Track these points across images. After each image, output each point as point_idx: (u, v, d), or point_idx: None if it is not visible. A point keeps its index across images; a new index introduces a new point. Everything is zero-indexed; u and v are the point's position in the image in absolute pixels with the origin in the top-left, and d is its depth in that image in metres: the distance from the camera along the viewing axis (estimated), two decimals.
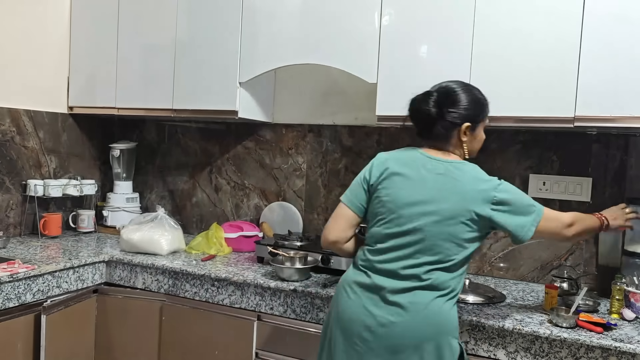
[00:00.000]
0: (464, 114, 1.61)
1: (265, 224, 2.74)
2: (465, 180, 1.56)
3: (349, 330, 1.58)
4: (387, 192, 1.61)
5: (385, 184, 1.62)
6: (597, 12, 1.86)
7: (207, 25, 2.54)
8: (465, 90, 1.64)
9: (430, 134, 1.65)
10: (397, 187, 1.60)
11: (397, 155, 1.68)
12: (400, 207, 1.57)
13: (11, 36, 2.64)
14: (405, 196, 1.58)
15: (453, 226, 1.53)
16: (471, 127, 1.62)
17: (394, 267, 1.56)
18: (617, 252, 2.11)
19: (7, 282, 1.97)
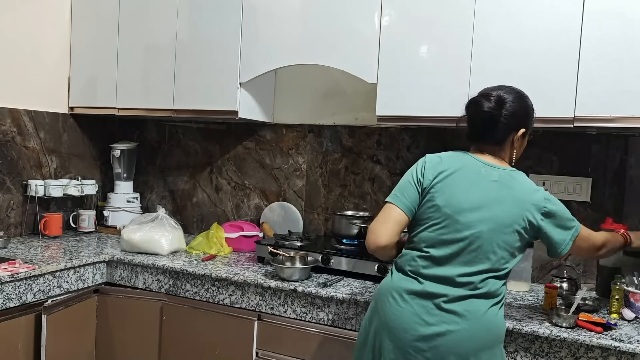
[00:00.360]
0: (521, 120, 1.61)
1: (265, 224, 2.75)
2: (518, 188, 1.56)
3: (402, 340, 1.52)
4: (443, 196, 1.56)
5: (439, 187, 1.58)
6: (597, 11, 1.86)
7: (207, 26, 2.55)
8: (520, 96, 1.63)
9: (485, 137, 1.62)
10: (453, 191, 1.56)
11: (451, 159, 1.63)
12: (457, 212, 1.54)
13: (12, 36, 2.65)
14: (462, 202, 1.54)
15: (508, 234, 1.53)
16: (523, 134, 1.63)
17: (449, 274, 1.52)
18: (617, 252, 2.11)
19: (8, 282, 1.98)
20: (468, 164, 1.60)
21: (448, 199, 1.56)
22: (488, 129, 1.60)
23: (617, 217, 2.17)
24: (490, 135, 1.61)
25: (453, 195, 1.56)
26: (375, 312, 1.62)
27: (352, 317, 1.97)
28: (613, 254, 1.88)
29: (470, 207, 1.54)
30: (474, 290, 1.51)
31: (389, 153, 2.59)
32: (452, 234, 1.54)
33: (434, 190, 1.58)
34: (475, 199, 1.54)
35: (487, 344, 1.51)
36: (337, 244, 2.43)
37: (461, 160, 1.62)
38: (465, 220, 1.53)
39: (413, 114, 2.16)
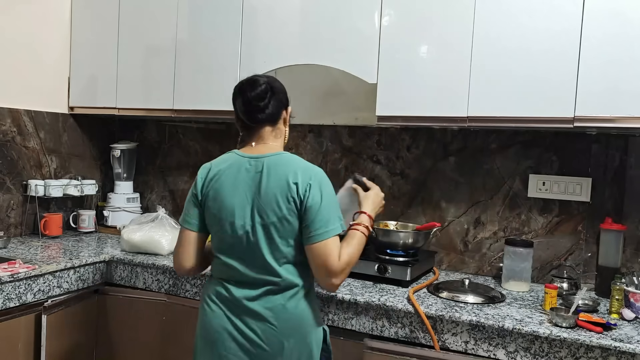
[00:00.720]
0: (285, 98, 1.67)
1: None
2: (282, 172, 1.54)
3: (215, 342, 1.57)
4: (215, 204, 1.58)
5: (210, 195, 1.59)
6: (597, 11, 1.86)
7: (207, 26, 2.55)
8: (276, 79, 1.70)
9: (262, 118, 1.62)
10: (222, 196, 1.57)
11: (219, 164, 1.63)
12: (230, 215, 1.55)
13: (12, 36, 2.65)
14: (232, 204, 1.55)
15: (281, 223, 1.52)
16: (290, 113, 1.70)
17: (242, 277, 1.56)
18: (617, 252, 2.12)
19: (8, 282, 1.98)
20: (233, 163, 1.60)
21: (219, 205, 1.57)
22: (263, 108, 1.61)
23: (617, 217, 2.17)
24: (267, 115, 1.62)
25: (223, 200, 1.57)
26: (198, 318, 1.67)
27: (352, 317, 1.97)
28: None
29: (240, 206, 1.54)
30: (269, 286, 1.54)
31: (389, 153, 2.60)
32: (232, 238, 1.55)
33: (208, 199, 1.60)
34: (240, 196, 1.55)
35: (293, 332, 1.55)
36: None
37: (227, 162, 1.61)
38: (239, 222, 1.54)
39: (413, 114, 2.16)
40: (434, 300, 1.96)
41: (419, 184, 2.53)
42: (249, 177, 1.56)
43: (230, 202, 1.56)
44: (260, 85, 1.61)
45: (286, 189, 1.51)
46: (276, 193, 1.52)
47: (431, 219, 2.49)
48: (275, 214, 1.52)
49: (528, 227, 2.34)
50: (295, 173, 1.52)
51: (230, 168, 1.59)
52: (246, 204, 1.54)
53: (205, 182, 1.61)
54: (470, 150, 2.43)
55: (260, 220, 1.53)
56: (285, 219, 1.52)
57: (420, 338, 1.86)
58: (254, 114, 1.62)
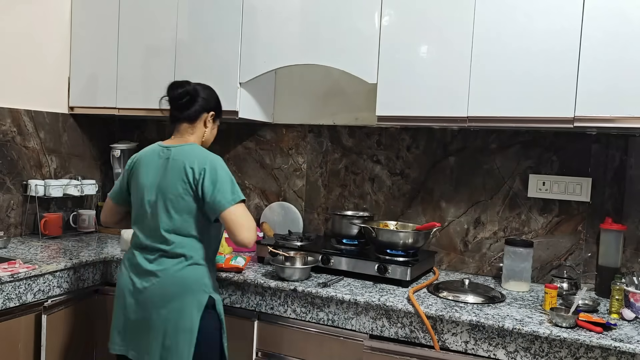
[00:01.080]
0: (211, 104, 1.97)
1: (265, 224, 2.75)
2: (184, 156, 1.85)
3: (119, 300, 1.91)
4: (134, 183, 1.94)
5: (132, 176, 1.95)
6: (597, 11, 1.86)
7: (207, 26, 2.55)
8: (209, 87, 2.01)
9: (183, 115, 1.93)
10: (138, 177, 1.91)
11: (142, 152, 1.97)
12: (141, 192, 1.89)
13: (12, 36, 2.65)
14: (143, 183, 1.89)
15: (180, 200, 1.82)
16: (213, 117, 1.99)
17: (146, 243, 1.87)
18: (617, 252, 2.12)
19: (8, 282, 1.98)
20: (152, 151, 1.93)
21: (136, 183, 1.92)
22: (186, 107, 1.92)
23: (617, 217, 2.17)
24: (187, 114, 1.93)
25: (138, 179, 1.91)
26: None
27: (352, 317, 1.97)
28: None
29: (150, 185, 1.87)
30: (164, 252, 1.83)
31: (389, 153, 2.60)
32: (141, 211, 1.89)
33: (131, 179, 1.96)
34: (151, 177, 1.88)
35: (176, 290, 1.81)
36: (337, 244, 2.43)
37: (148, 150, 1.95)
38: (147, 198, 1.87)
39: (413, 114, 2.16)
40: (434, 300, 1.96)
41: (419, 184, 2.54)
42: (159, 163, 1.89)
43: (143, 182, 1.89)
44: (179, 88, 1.90)
45: (183, 173, 1.82)
46: (175, 175, 1.83)
47: (431, 219, 2.50)
48: (173, 193, 1.82)
49: (528, 227, 2.34)
50: (192, 160, 1.83)
51: (148, 155, 1.93)
52: (154, 183, 1.87)
53: (130, 166, 1.97)
54: (470, 150, 2.43)
55: (162, 197, 1.84)
56: (181, 197, 1.81)
57: (420, 338, 1.86)
58: (174, 111, 1.94)
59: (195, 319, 1.81)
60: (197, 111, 1.94)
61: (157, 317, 1.81)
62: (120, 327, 1.91)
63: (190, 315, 1.80)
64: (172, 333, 1.80)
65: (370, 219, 2.47)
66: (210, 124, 1.98)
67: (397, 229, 2.39)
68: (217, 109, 2.00)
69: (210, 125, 1.98)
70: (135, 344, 1.86)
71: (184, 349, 1.79)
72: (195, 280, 1.84)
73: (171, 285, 1.81)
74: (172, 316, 1.80)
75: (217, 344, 1.88)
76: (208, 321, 1.84)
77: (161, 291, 1.82)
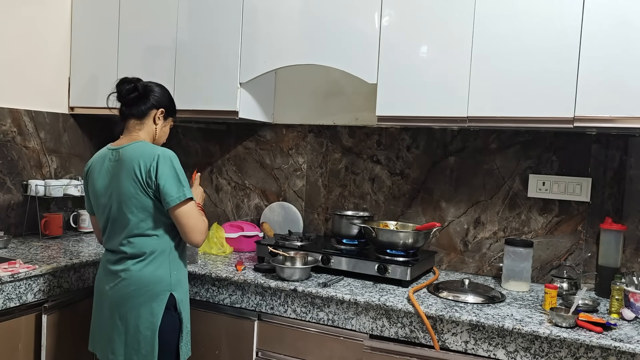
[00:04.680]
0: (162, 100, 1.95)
1: (265, 224, 2.75)
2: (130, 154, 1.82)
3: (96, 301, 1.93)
4: (91, 191, 1.93)
5: (88, 185, 1.95)
6: (597, 12, 1.86)
7: (207, 26, 2.55)
8: (160, 85, 1.99)
9: (132, 111, 1.90)
10: (92, 184, 1.91)
11: (93, 158, 1.95)
12: (97, 199, 1.89)
13: (12, 37, 2.65)
14: (97, 189, 1.88)
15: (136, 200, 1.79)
16: (164, 115, 1.95)
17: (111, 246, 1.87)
18: (617, 252, 2.12)
19: (8, 282, 1.98)
20: (102, 156, 1.91)
21: (92, 190, 1.91)
22: (134, 102, 1.90)
23: (617, 217, 2.17)
24: (136, 109, 1.90)
25: (94, 186, 1.90)
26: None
27: (352, 317, 1.97)
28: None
29: (104, 190, 1.86)
30: (123, 253, 1.83)
31: (389, 153, 2.60)
32: (102, 217, 1.89)
33: (88, 188, 1.95)
34: (104, 182, 1.86)
35: (137, 288, 1.80)
36: (337, 244, 2.43)
37: (98, 156, 1.93)
38: (103, 202, 1.87)
39: (413, 114, 2.16)
40: (434, 300, 1.96)
41: (419, 184, 2.54)
42: (110, 166, 1.86)
43: (98, 187, 1.88)
44: (128, 84, 1.90)
45: (132, 172, 1.79)
46: (126, 176, 1.80)
47: (431, 219, 2.50)
48: (125, 194, 1.80)
49: (528, 227, 2.34)
50: (140, 158, 1.79)
51: (99, 161, 1.91)
52: (108, 187, 1.85)
53: (85, 175, 1.96)
54: (470, 150, 2.43)
55: (117, 199, 1.82)
56: (134, 197, 1.79)
57: (420, 338, 1.86)
58: (123, 107, 1.92)
59: (155, 319, 1.80)
60: (147, 107, 1.91)
61: (118, 318, 1.82)
62: (93, 327, 1.93)
63: (149, 315, 1.80)
64: (133, 333, 1.80)
65: (370, 219, 2.47)
66: (160, 121, 1.95)
67: (397, 229, 2.39)
68: (169, 107, 1.98)
69: (160, 123, 1.95)
70: (102, 345, 1.87)
71: (147, 349, 1.79)
72: (154, 278, 1.82)
73: (130, 284, 1.81)
74: (132, 316, 1.80)
75: (172, 347, 1.85)
76: (166, 321, 1.82)
77: (122, 291, 1.81)
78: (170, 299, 1.83)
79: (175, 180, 1.78)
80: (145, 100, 1.91)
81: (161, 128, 1.96)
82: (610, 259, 2.12)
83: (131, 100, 1.90)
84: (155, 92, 1.94)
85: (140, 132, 1.92)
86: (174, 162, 1.81)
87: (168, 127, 2.02)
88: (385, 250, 2.23)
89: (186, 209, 1.79)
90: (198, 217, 1.83)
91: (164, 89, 1.99)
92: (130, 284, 1.81)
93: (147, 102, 1.91)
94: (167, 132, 2.02)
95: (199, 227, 1.83)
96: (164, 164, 1.78)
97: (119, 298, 1.82)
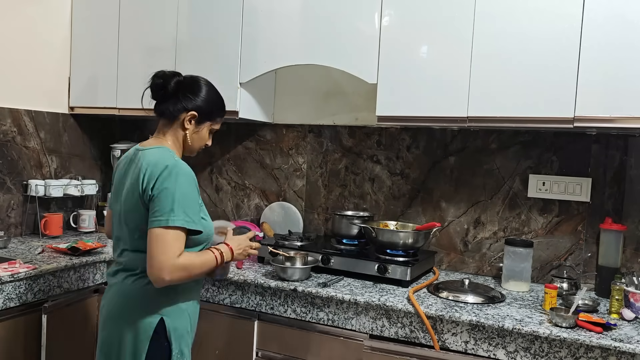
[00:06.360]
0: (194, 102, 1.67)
1: (265, 224, 2.75)
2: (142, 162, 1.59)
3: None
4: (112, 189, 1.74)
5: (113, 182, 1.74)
6: (597, 12, 1.86)
7: (207, 26, 2.55)
8: (201, 82, 1.73)
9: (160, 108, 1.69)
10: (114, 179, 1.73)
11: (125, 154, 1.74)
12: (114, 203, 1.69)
13: (12, 37, 2.65)
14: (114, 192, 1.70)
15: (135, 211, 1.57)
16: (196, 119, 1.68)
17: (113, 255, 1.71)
18: (617, 252, 2.12)
19: (8, 281, 1.98)
20: (127, 155, 1.70)
21: (112, 187, 1.73)
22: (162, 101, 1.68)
23: (617, 217, 2.17)
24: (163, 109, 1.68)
25: (114, 186, 1.71)
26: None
27: (352, 317, 1.97)
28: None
29: (117, 193, 1.67)
30: (119, 265, 1.65)
31: (389, 153, 2.60)
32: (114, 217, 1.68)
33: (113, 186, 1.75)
34: (119, 182, 1.67)
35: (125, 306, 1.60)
36: (337, 244, 2.43)
37: (127, 152, 1.72)
38: (114, 206, 1.68)
39: (413, 114, 2.16)
40: (434, 300, 1.96)
41: (419, 184, 2.54)
42: (129, 168, 1.64)
43: (115, 189, 1.70)
44: (158, 78, 1.69)
45: (138, 181, 1.56)
46: (133, 184, 1.58)
47: (431, 219, 2.50)
48: (127, 203, 1.60)
49: (528, 227, 2.34)
50: (149, 167, 1.55)
51: (124, 158, 1.71)
52: (119, 190, 1.66)
53: (114, 172, 1.77)
54: (470, 150, 2.43)
55: (123, 205, 1.61)
56: (135, 210, 1.57)
57: (420, 338, 1.86)
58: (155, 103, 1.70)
59: (141, 346, 1.55)
60: (176, 109, 1.65)
61: (103, 338, 1.63)
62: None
63: (133, 340, 1.56)
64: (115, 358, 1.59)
65: (370, 219, 2.47)
66: (191, 126, 1.67)
67: (397, 229, 2.39)
68: (205, 111, 1.69)
69: (191, 128, 1.68)
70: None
71: None
72: (140, 297, 1.58)
73: (115, 302, 1.61)
74: (114, 339, 1.58)
75: None
76: (154, 350, 1.55)
77: (107, 309, 1.63)
78: (159, 323, 1.56)
79: (168, 199, 1.49)
80: (175, 100, 1.65)
81: (192, 134, 1.68)
82: (610, 259, 2.12)
83: (159, 97, 1.67)
84: (190, 91, 1.67)
85: (167, 135, 1.68)
86: (181, 179, 1.53)
87: (205, 132, 1.72)
88: (385, 250, 2.23)
89: (158, 233, 1.48)
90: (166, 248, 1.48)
91: (203, 88, 1.70)
92: (115, 301, 1.61)
93: (176, 103, 1.65)
94: (205, 137, 1.73)
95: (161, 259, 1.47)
96: (168, 178, 1.52)
97: (104, 316, 1.64)
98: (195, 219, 1.54)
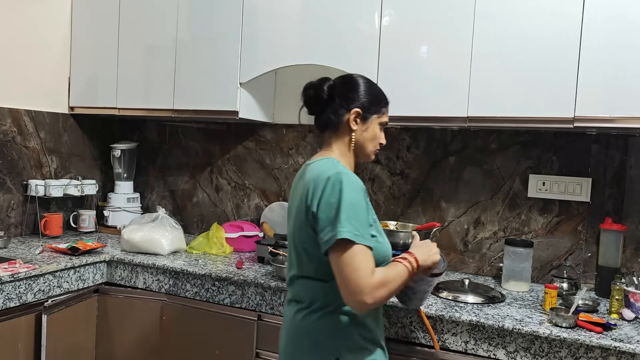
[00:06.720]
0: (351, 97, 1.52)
1: (265, 224, 2.75)
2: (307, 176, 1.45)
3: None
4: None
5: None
6: (596, 12, 1.86)
7: (207, 26, 2.55)
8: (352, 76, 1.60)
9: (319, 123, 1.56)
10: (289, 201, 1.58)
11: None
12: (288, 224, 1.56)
13: (12, 36, 2.65)
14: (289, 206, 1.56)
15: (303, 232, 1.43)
16: (361, 117, 1.52)
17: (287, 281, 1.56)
18: (617, 252, 2.12)
19: (8, 282, 1.98)
20: (299, 171, 1.55)
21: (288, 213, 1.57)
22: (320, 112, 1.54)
23: (617, 217, 2.17)
24: (320, 123, 1.55)
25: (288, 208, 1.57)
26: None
27: None
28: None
29: (289, 214, 1.53)
30: (290, 294, 1.52)
31: (389, 153, 2.60)
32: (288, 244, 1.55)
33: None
34: (290, 204, 1.54)
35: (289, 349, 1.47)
36: None
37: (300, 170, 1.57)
38: (288, 230, 1.53)
39: (413, 113, 2.16)
40: (434, 300, 1.96)
41: (419, 184, 2.54)
42: (298, 184, 1.50)
43: (288, 208, 1.55)
44: (308, 90, 1.55)
45: (303, 196, 1.42)
46: (298, 202, 1.44)
47: (431, 219, 2.50)
48: (295, 223, 1.46)
49: (528, 227, 2.34)
50: (313, 181, 1.40)
51: (297, 176, 1.56)
52: (291, 209, 1.51)
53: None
54: (470, 150, 2.43)
55: (293, 225, 1.47)
56: (302, 228, 1.42)
57: (420, 338, 1.86)
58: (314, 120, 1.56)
59: None
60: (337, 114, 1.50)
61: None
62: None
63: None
64: None
65: None
66: (358, 125, 1.51)
67: (397, 229, 2.39)
68: (368, 103, 1.52)
69: (359, 127, 1.51)
70: None
71: None
72: (310, 337, 1.42)
73: (286, 340, 1.48)
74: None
75: None
76: None
77: (282, 343, 1.51)
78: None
79: (332, 214, 1.33)
80: (333, 105, 1.51)
81: (362, 133, 1.52)
82: (610, 259, 2.12)
83: (317, 109, 1.53)
84: (346, 90, 1.53)
85: (333, 145, 1.53)
86: (345, 189, 1.35)
87: (375, 127, 1.55)
88: None
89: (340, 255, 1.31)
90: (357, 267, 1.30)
91: (358, 82, 1.56)
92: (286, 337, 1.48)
93: (335, 107, 1.51)
94: (377, 134, 1.55)
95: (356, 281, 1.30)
96: (330, 190, 1.35)
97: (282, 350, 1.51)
98: (363, 232, 1.34)
